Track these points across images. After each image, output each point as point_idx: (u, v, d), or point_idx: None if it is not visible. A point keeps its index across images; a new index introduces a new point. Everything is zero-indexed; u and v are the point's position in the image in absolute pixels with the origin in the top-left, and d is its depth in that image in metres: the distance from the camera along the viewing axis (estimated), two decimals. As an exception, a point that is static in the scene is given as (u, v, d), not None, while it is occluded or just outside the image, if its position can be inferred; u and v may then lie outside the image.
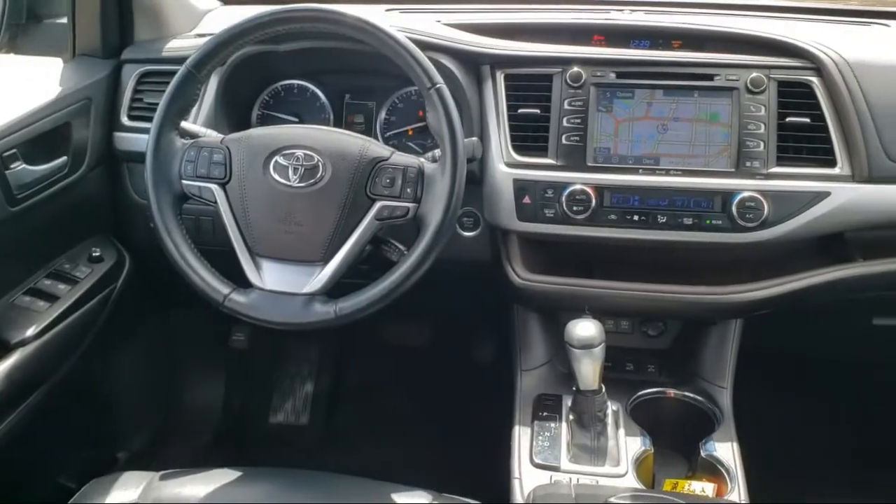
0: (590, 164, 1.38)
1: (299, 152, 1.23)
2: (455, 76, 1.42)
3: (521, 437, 1.34)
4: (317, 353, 2.21)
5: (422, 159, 1.25)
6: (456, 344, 2.18)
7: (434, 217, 1.19)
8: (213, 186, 1.25)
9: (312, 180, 1.21)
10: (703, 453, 1.33)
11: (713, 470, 1.30)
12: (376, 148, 1.24)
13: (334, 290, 1.23)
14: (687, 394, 1.47)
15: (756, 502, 1.24)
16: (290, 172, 1.22)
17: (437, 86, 1.21)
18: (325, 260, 1.21)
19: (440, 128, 1.21)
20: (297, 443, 2.11)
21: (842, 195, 1.34)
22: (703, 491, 1.25)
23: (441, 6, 1.73)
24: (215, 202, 1.25)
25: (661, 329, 1.59)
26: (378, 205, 1.21)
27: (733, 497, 1.24)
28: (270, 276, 1.23)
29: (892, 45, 1.57)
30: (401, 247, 1.27)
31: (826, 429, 2.00)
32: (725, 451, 1.33)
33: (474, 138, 1.31)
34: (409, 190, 1.21)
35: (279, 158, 1.23)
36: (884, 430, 2.00)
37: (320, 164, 1.22)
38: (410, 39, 1.25)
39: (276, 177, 1.23)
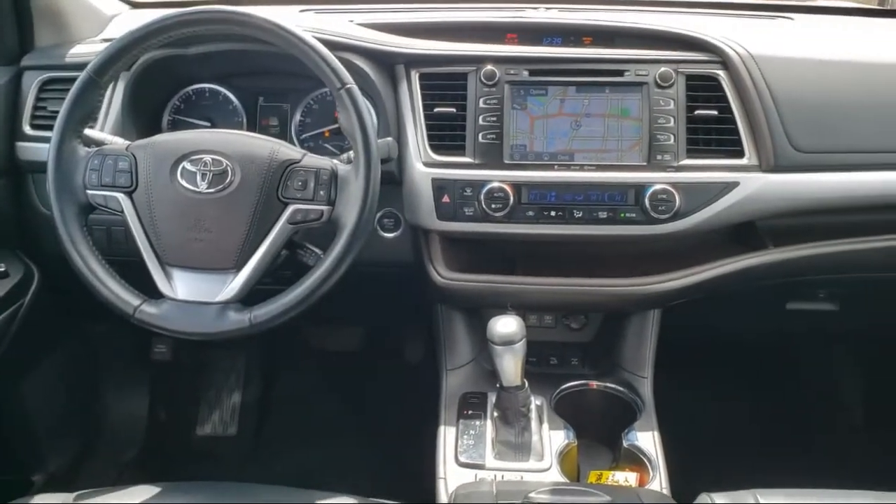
0: (507, 161, 1.39)
1: (207, 157, 1.20)
2: (369, 76, 1.41)
3: (446, 436, 1.34)
4: (244, 363, 2.17)
5: (335, 161, 1.23)
6: (385, 346, 2.18)
7: (349, 219, 1.18)
8: (119, 195, 1.22)
9: (221, 186, 1.19)
10: (625, 443, 1.35)
11: (636, 459, 1.32)
12: (287, 150, 1.22)
13: (250, 297, 1.21)
14: (609, 385, 1.49)
15: (677, 489, 1.27)
16: (199, 178, 1.19)
17: (348, 86, 1.19)
18: (238, 267, 1.19)
19: (352, 128, 1.20)
20: (226, 454, 2.07)
21: (750, 185, 1.37)
22: (627, 481, 1.27)
23: (356, 6, 1.72)
24: (122, 211, 1.22)
25: (584, 322, 1.61)
26: (291, 208, 1.20)
27: (654, 485, 1.26)
28: (182, 286, 1.20)
29: (796, 38, 1.61)
30: (317, 251, 1.25)
31: (745, 414, 2.06)
32: (647, 440, 1.35)
33: (389, 138, 1.30)
34: (322, 192, 1.20)
35: (186, 164, 1.20)
36: (801, 413, 2.07)
37: (229, 168, 1.19)
38: (321, 40, 1.23)
39: (184, 183, 1.20)
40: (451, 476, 1.25)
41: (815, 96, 1.42)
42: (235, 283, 1.19)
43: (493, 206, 1.36)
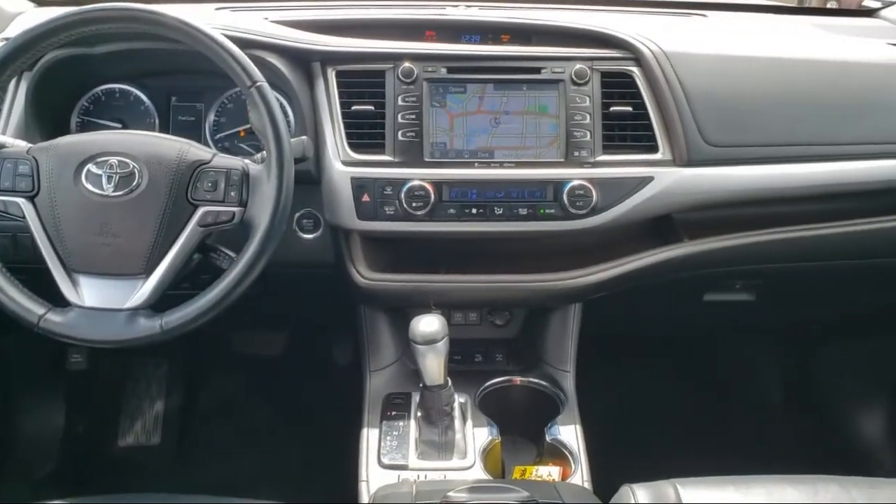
0: (427, 159, 1.38)
1: (113, 159, 1.16)
2: (283, 74, 1.39)
3: (369, 438, 1.33)
4: (167, 370, 2.11)
5: (247, 161, 1.21)
6: (311, 349, 2.15)
7: (262, 220, 1.16)
8: (20, 200, 1.17)
9: (128, 188, 1.15)
10: (548, 437, 1.36)
11: (558, 453, 1.34)
12: (197, 150, 1.19)
13: (164, 303, 1.17)
14: (532, 380, 1.50)
15: (599, 481, 1.28)
16: (104, 181, 1.15)
17: (258, 84, 1.17)
18: (148, 272, 1.15)
19: (263, 127, 1.17)
20: (149, 464, 2.01)
21: (664, 179, 1.40)
22: (550, 475, 1.28)
23: (273, 4, 1.68)
24: (23, 217, 1.17)
25: (508, 318, 1.62)
26: (201, 210, 1.17)
27: (576, 478, 1.27)
28: (89, 293, 1.16)
29: (708, 35, 1.65)
30: (231, 253, 1.23)
31: (667, 404, 2.10)
32: (569, 433, 1.36)
33: (304, 137, 1.28)
34: (233, 193, 1.17)
35: (91, 167, 1.16)
36: (721, 402, 2.12)
37: (136, 170, 1.16)
38: (232, 37, 1.21)
39: (89, 186, 1.16)
40: (373, 478, 1.24)
41: (726, 92, 1.45)
42: (145, 289, 1.15)
43: (414, 204, 1.35)
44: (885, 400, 2.04)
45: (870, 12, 1.91)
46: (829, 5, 2.57)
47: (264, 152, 1.21)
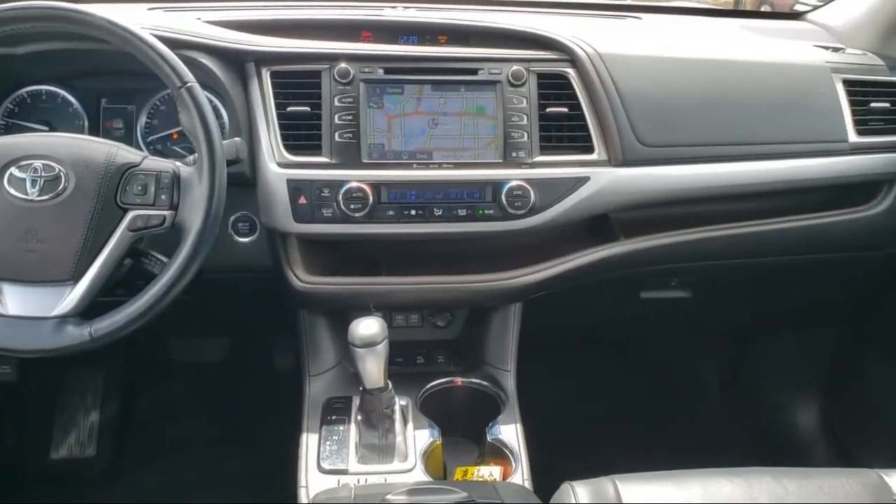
0: (365, 160, 1.37)
1: (38, 163, 1.13)
2: (216, 75, 1.36)
3: (309, 443, 1.31)
4: (101, 380, 2.06)
5: (178, 163, 1.18)
6: (251, 355, 2.11)
7: (194, 224, 1.14)
8: None
9: (54, 193, 1.12)
10: (489, 437, 1.36)
11: (499, 453, 1.34)
12: (126, 153, 1.16)
13: (94, 310, 1.14)
14: (473, 380, 1.50)
15: (540, 480, 1.29)
16: (28, 185, 1.12)
17: (188, 84, 1.15)
18: (76, 279, 1.12)
19: (194, 129, 1.15)
20: (84, 476, 1.95)
21: (600, 179, 1.42)
22: (491, 475, 1.28)
23: (208, 4, 1.65)
24: None
25: (449, 319, 1.62)
26: (131, 215, 1.14)
27: (517, 477, 1.28)
28: (13, 301, 1.12)
29: (642, 38, 1.67)
30: (163, 258, 1.20)
31: (608, 401, 2.13)
32: (510, 433, 1.37)
33: (237, 139, 1.26)
34: (164, 197, 1.14)
35: (14, 171, 1.12)
36: (661, 398, 2.16)
37: (62, 174, 1.12)
38: (162, 38, 1.19)
39: (12, 191, 1.12)
40: (312, 483, 1.23)
41: (659, 93, 1.48)
42: (73, 296, 1.12)
43: (352, 206, 1.34)
44: (817, 392, 2.10)
45: (797, 15, 1.97)
46: (762, 8, 2.64)
47: (196, 154, 1.18)
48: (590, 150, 1.43)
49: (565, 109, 1.43)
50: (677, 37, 1.71)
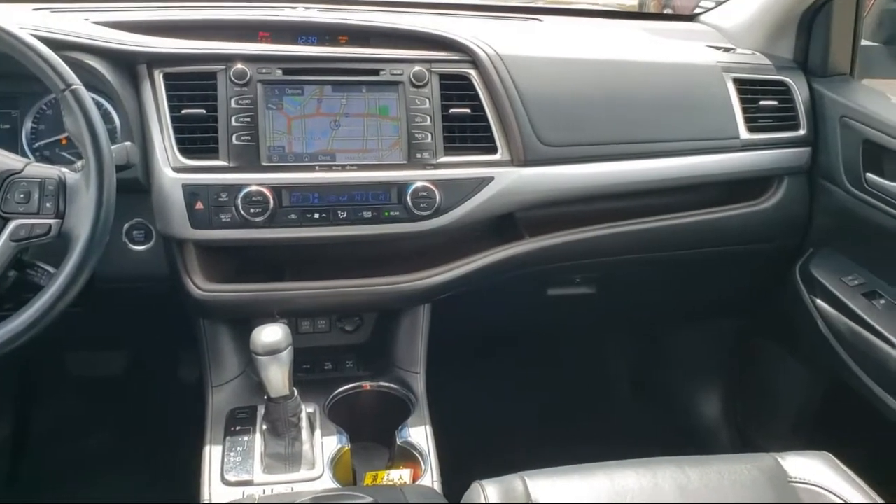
0: (265, 163, 1.34)
1: None
2: (104, 77, 1.31)
3: (212, 456, 1.27)
4: None
5: (64, 169, 1.13)
6: (156, 367, 2.04)
7: (82, 232, 1.09)
8: None
9: None
10: (398, 441, 1.35)
11: (409, 455, 1.33)
12: (6, 160, 1.11)
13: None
14: (383, 384, 1.49)
15: (450, 481, 1.28)
16: None
17: (73, 87, 1.10)
18: None
19: (80, 133, 1.10)
20: (-26, 501, 1.84)
21: (504, 179, 1.43)
22: (401, 478, 1.27)
23: (97, 5, 1.58)
24: None
25: (358, 323, 1.60)
26: (13, 224, 1.08)
27: (426, 479, 1.27)
28: None
29: (543, 39, 1.69)
30: (50, 269, 1.14)
31: (519, 399, 2.15)
32: (419, 435, 1.36)
33: (127, 143, 1.21)
34: (48, 204, 1.09)
35: None
36: (572, 393, 2.20)
37: None
38: (44, 38, 1.14)
39: None
40: (216, 496, 1.19)
41: (559, 93, 1.50)
42: (-49, 312, 1.05)
43: (251, 210, 1.31)
44: (721, 382, 2.18)
45: (692, 17, 2.04)
46: (665, 11, 2.71)
47: (84, 160, 1.13)
48: (493, 150, 1.44)
49: (468, 110, 1.43)
50: (577, 38, 1.74)
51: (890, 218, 1.49)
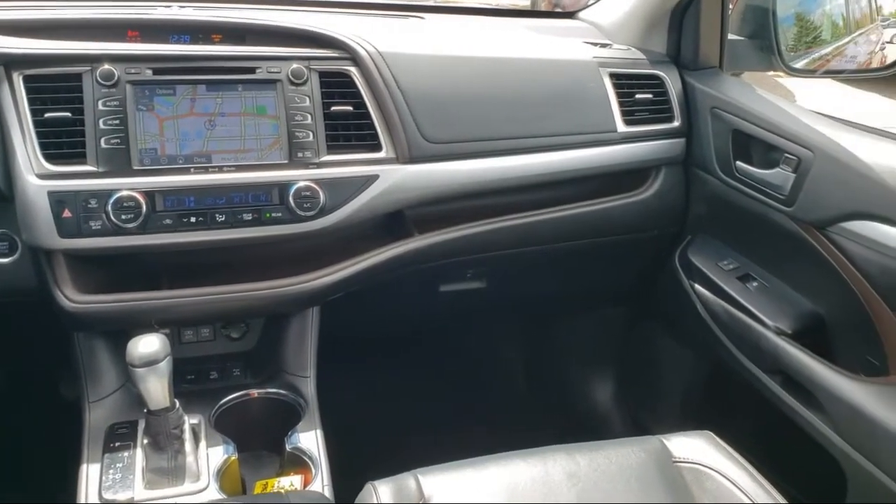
0: (136, 167, 1.29)
1: None
2: None
3: (89, 474, 1.21)
4: None
5: None
6: (32, 386, 1.92)
7: None
8: None
9: None
10: (288, 447, 1.32)
11: (300, 461, 1.30)
12: None
13: None
14: (271, 390, 1.45)
15: (343, 484, 1.27)
16: None
17: None
18: None
19: None
20: None
21: (389, 177, 1.42)
22: (292, 485, 1.25)
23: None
24: None
25: (244, 330, 1.56)
26: None
27: (317, 484, 1.25)
28: None
29: (424, 36, 1.69)
30: None
31: (416, 397, 2.15)
32: (309, 440, 1.33)
33: None
34: None
35: None
36: (468, 388, 2.21)
37: None
38: None
39: None
40: None
41: (441, 90, 1.50)
42: None
43: (123, 217, 1.25)
44: (612, 369, 2.24)
45: (572, 14, 2.08)
46: (556, 10, 2.77)
47: None
48: (377, 148, 1.42)
49: (350, 108, 1.41)
50: (458, 36, 1.74)
51: (758, 203, 1.57)
